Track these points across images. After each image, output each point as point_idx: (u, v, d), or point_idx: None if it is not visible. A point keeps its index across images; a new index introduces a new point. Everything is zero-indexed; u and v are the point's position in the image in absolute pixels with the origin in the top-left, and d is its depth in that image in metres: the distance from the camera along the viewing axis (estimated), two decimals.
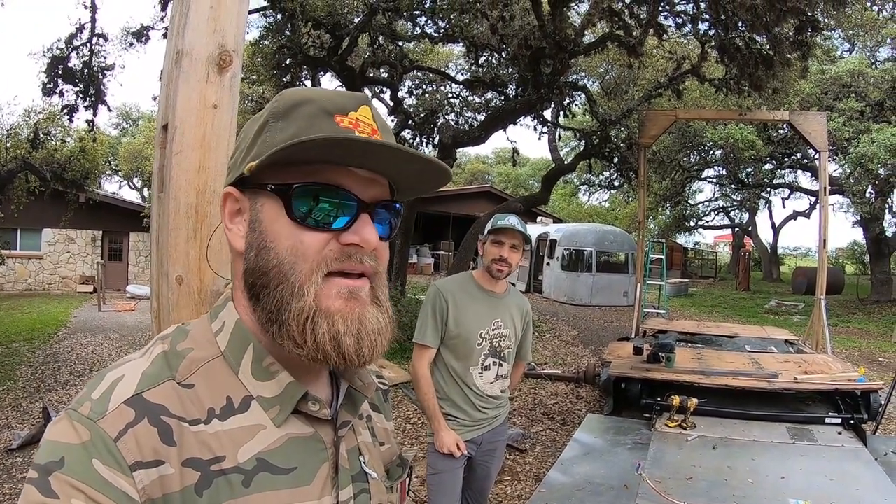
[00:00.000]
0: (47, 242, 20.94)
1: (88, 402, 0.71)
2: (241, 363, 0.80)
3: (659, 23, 10.17)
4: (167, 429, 0.71)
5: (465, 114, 15.92)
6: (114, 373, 0.75)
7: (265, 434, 0.77)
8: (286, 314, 0.75)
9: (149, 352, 0.80)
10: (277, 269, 0.76)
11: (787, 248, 55.89)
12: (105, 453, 0.67)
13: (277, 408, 0.79)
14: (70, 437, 0.68)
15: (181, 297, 1.67)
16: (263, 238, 0.79)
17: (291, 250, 0.76)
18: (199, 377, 0.77)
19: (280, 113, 0.79)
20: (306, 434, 0.82)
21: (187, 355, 0.78)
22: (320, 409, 0.82)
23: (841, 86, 17.32)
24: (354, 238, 0.77)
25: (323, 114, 0.77)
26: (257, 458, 0.76)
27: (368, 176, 0.79)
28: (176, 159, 1.68)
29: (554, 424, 7.04)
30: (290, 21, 10.43)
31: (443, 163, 0.82)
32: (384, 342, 0.80)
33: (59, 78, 10.67)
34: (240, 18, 1.83)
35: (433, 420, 3.04)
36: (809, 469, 4.51)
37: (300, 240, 0.76)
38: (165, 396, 0.73)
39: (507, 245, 3.04)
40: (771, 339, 8.64)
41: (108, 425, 0.68)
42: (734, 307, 20.45)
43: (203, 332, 0.83)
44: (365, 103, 0.81)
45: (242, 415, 0.77)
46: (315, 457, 0.82)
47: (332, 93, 0.81)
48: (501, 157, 48.60)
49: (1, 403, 7.56)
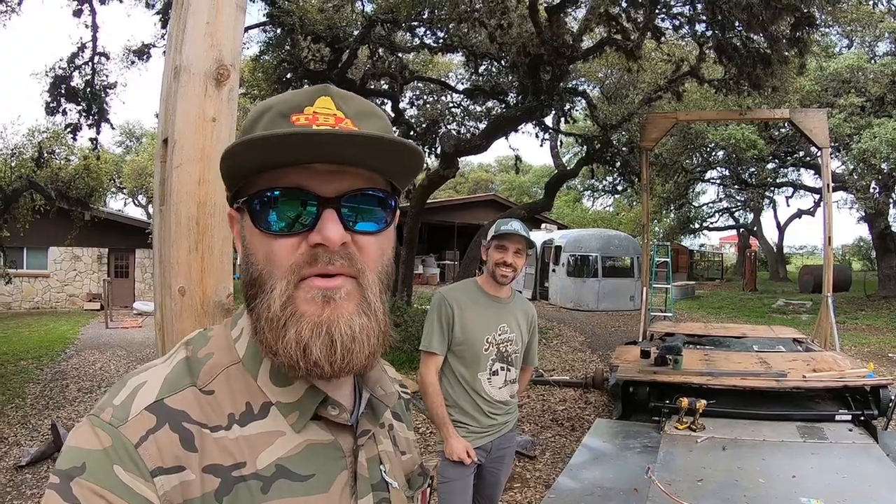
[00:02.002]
0: (54, 261, 21.03)
1: (110, 407, 0.72)
2: (260, 369, 0.80)
3: (656, 26, 10.22)
4: (188, 435, 0.71)
5: (467, 123, 15.97)
6: (136, 378, 0.76)
7: (284, 440, 0.78)
8: (262, 321, 0.75)
9: (171, 357, 0.80)
10: (258, 280, 0.77)
11: (793, 246, 55.86)
12: (126, 459, 0.67)
13: (297, 413, 0.79)
14: (92, 443, 0.68)
15: (184, 309, 1.68)
16: (246, 251, 0.80)
17: (265, 260, 0.76)
18: (219, 383, 0.77)
19: (247, 127, 0.79)
20: (325, 441, 0.81)
21: (208, 361, 0.79)
22: (340, 414, 0.82)
23: (841, 82, 17.32)
24: (317, 238, 0.74)
25: (279, 117, 0.76)
26: (276, 465, 0.76)
27: (334, 169, 0.76)
28: (176, 172, 1.69)
29: (563, 430, 7.03)
30: (289, 35, 10.50)
31: (398, 137, 0.77)
32: (367, 348, 0.77)
33: (62, 97, 10.74)
34: (236, 32, 1.85)
35: (442, 428, 3.03)
36: (821, 467, 4.47)
37: (270, 248, 0.76)
38: (187, 402, 0.74)
39: (510, 250, 3.04)
40: (779, 339, 8.59)
41: (130, 431, 0.69)
42: (741, 308, 20.38)
43: (223, 338, 0.83)
44: (323, 94, 0.78)
45: (262, 421, 0.77)
46: (333, 464, 0.81)
47: (290, 94, 0.80)
48: (504, 166, 48.57)
49: (10, 420, 7.58)
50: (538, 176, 45.01)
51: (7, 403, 8.34)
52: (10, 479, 5.83)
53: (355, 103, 0.80)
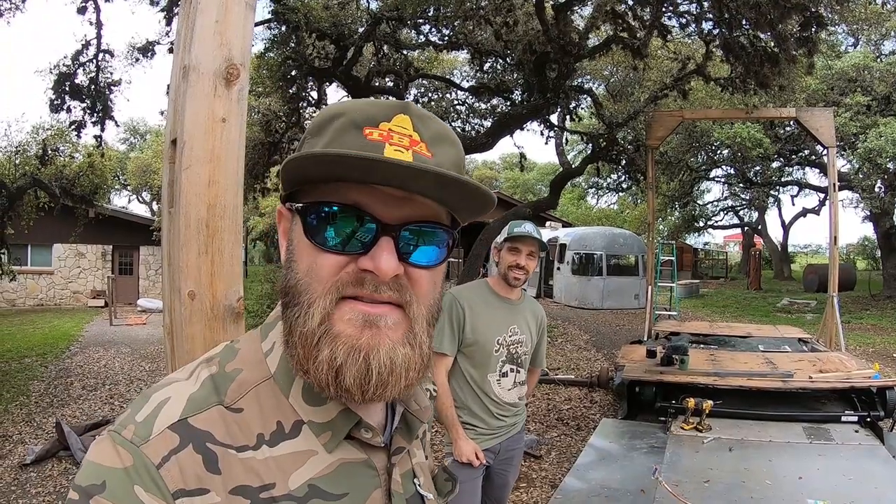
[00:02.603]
0: (58, 258, 21.09)
1: (132, 424, 0.69)
2: (293, 387, 0.77)
3: (662, 24, 10.18)
4: (212, 456, 0.69)
5: (472, 120, 15.93)
6: (159, 394, 0.73)
7: (316, 460, 0.75)
8: (295, 335, 0.73)
9: (195, 372, 0.77)
10: (295, 289, 0.74)
11: (798, 245, 55.87)
12: (147, 480, 0.65)
13: (329, 433, 0.77)
14: (112, 461, 0.66)
15: (193, 313, 1.66)
16: (290, 256, 0.77)
17: (307, 271, 0.73)
18: (248, 401, 0.75)
19: (315, 128, 0.76)
20: (358, 460, 0.79)
21: (236, 377, 0.76)
22: (373, 437, 0.80)
23: (847, 81, 17.26)
24: (368, 264, 0.71)
25: (351, 127, 0.73)
26: (309, 485, 0.73)
27: (400, 195, 0.72)
28: (185, 174, 1.67)
29: (568, 430, 7.01)
30: (294, 33, 10.47)
31: (474, 181, 0.73)
32: (404, 380, 0.74)
33: (67, 94, 10.74)
34: (246, 31, 1.83)
35: (451, 429, 3.02)
36: (827, 468, 4.47)
37: (315, 260, 0.73)
38: (212, 422, 0.71)
39: (523, 252, 3.02)
40: (784, 339, 8.57)
41: (152, 451, 0.67)
42: (746, 307, 20.34)
43: (253, 351, 0.80)
44: (402, 112, 0.74)
45: (293, 440, 0.75)
46: (367, 482, 0.79)
47: (366, 103, 0.76)
48: (509, 163, 48.65)
49: (14, 418, 7.59)
50: (543, 174, 45.01)
51: (11, 401, 8.35)
52: (14, 477, 5.82)
53: (433, 125, 0.77)
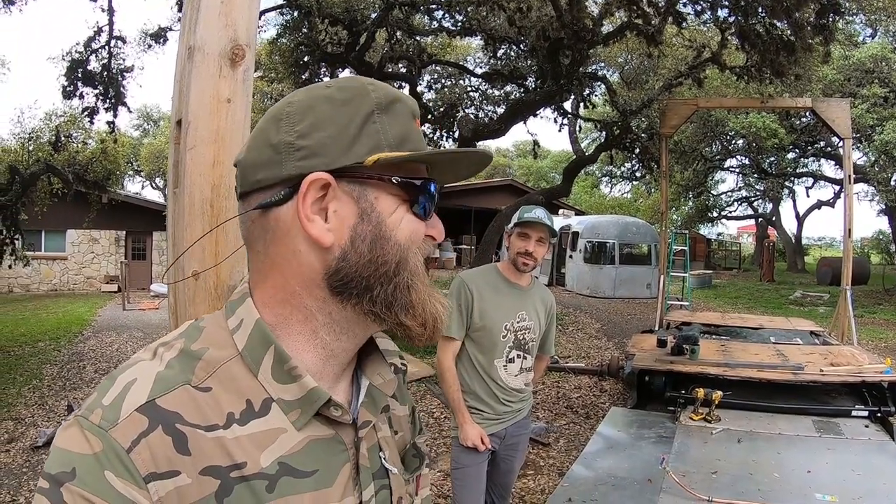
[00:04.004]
0: (71, 243, 21.24)
1: (99, 408, 0.68)
2: (262, 365, 0.76)
3: (678, 10, 10.08)
4: (182, 437, 0.68)
5: (485, 107, 15.90)
6: (125, 375, 0.72)
7: (286, 437, 0.75)
8: (413, 296, 0.80)
9: (159, 352, 0.76)
10: (400, 256, 0.79)
11: (812, 238, 55.37)
12: (118, 465, 0.65)
13: (298, 411, 0.76)
14: (81, 447, 0.66)
15: (197, 292, 1.66)
16: (381, 228, 0.77)
17: (409, 238, 0.80)
18: (216, 379, 0.73)
19: (383, 106, 0.79)
20: (327, 436, 0.79)
21: (203, 356, 0.75)
22: (342, 415, 0.79)
23: (864, 72, 17.06)
24: (433, 231, 0.84)
25: (411, 115, 0.82)
26: (279, 463, 0.73)
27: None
28: (190, 154, 1.66)
29: (577, 418, 7.00)
30: (306, 18, 10.46)
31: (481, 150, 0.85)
32: None
33: (79, 81, 10.78)
34: (251, 12, 1.82)
35: (458, 413, 3.03)
36: (836, 463, 4.43)
37: (414, 228, 0.81)
38: (180, 402, 0.70)
39: (533, 238, 3.01)
40: (796, 331, 8.52)
41: (121, 435, 0.66)
42: (758, 298, 20.22)
43: (218, 329, 0.79)
44: None
45: (263, 418, 0.74)
46: (336, 458, 0.80)
47: (404, 95, 0.84)
48: (522, 150, 48.45)
49: (27, 401, 7.67)
50: (556, 161, 44.80)
51: (25, 384, 8.43)
52: (26, 459, 5.90)
53: None
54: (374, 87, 0.80)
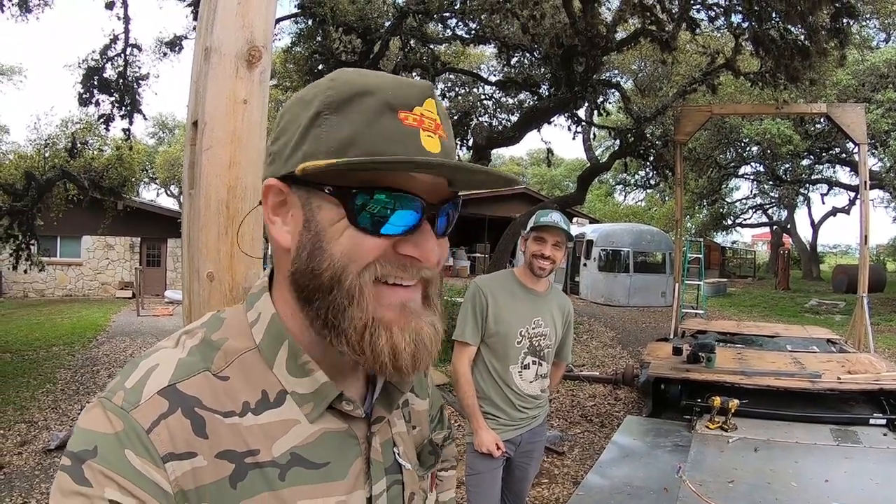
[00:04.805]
0: (87, 249, 21.38)
1: (122, 391, 0.70)
2: (277, 358, 0.78)
3: (691, 16, 10.06)
4: (200, 421, 0.70)
5: (499, 115, 15.91)
6: (148, 361, 0.74)
7: (299, 429, 0.77)
8: (345, 322, 0.72)
9: (181, 340, 0.78)
10: (331, 273, 0.72)
11: (827, 245, 54.90)
12: (138, 444, 0.66)
13: (311, 404, 0.78)
14: (103, 426, 0.67)
15: (213, 294, 1.65)
16: (319, 239, 0.73)
17: (345, 254, 0.72)
18: (234, 369, 0.76)
19: (334, 104, 0.71)
20: (340, 429, 0.80)
21: (222, 346, 0.77)
22: (354, 410, 0.81)
23: (878, 77, 16.94)
24: (414, 252, 0.73)
25: (386, 109, 0.70)
26: (291, 453, 0.75)
27: (431, 179, 0.73)
28: (206, 155, 1.66)
29: (592, 427, 6.95)
30: (321, 26, 10.51)
31: (508, 174, 0.77)
32: (434, 351, 0.77)
33: (95, 88, 10.89)
34: (268, 13, 1.81)
35: (473, 419, 3.00)
36: (854, 472, 4.37)
37: (356, 243, 0.71)
38: (199, 388, 0.72)
39: (549, 242, 2.98)
40: (813, 339, 8.44)
41: (141, 416, 0.68)
42: (774, 307, 20.07)
43: (238, 321, 0.81)
44: (430, 96, 0.74)
45: (277, 409, 0.76)
46: (348, 451, 0.81)
47: (394, 81, 0.73)
48: (536, 159, 48.53)
49: (41, 405, 7.70)
50: (570, 169, 44.88)
51: (38, 388, 8.47)
52: (38, 462, 5.92)
53: (442, 108, 0.77)
54: (336, 81, 0.73)
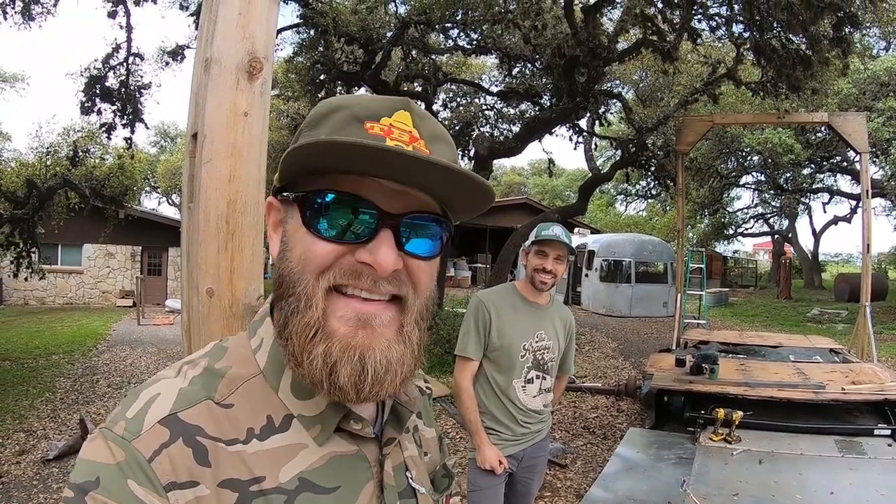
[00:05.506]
0: (88, 257, 21.39)
1: (123, 420, 0.70)
2: (281, 382, 0.77)
3: (692, 27, 10.05)
4: (202, 449, 0.70)
5: (501, 125, 15.95)
6: (149, 390, 0.74)
7: (307, 453, 0.76)
8: (292, 326, 0.72)
9: (183, 370, 0.77)
10: (289, 279, 0.74)
11: (829, 254, 54.81)
12: (140, 474, 0.66)
13: (319, 427, 0.77)
14: (105, 457, 0.67)
15: (212, 310, 1.63)
16: (285, 246, 0.76)
17: (299, 259, 0.73)
18: (238, 396, 0.75)
19: (313, 121, 0.76)
20: (350, 452, 0.80)
21: (226, 374, 0.77)
22: (363, 428, 0.80)
23: (879, 85, 16.93)
24: (367, 257, 0.72)
25: (353, 120, 0.73)
26: (299, 478, 0.74)
27: (399, 189, 0.73)
28: (205, 168, 1.63)
29: (595, 439, 6.90)
30: (322, 37, 10.52)
31: (479, 177, 0.74)
32: (399, 377, 0.74)
33: (97, 97, 10.90)
34: (269, 25, 1.79)
35: (475, 435, 2.96)
36: (859, 483, 4.33)
37: (309, 248, 0.73)
38: (201, 416, 0.72)
39: (550, 256, 2.95)
40: (815, 349, 8.39)
41: (143, 445, 0.67)
42: (776, 316, 20.02)
43: (241, 349, 0.81)
44: (403, 108, 0.75)
45: (283, 434, 0.75)
46: (359, 475, 0.80)
47: (367, 98, 0.76)
48: (537, 169, 48.58)
49: (39, 414, 7.67)
50: (571, 180, 44.94)
51: (38, 397, 8.45)
52: (36, 472, 5.88)
53: (431, 125, 0.77)
54: (321, 103, 0.78)
